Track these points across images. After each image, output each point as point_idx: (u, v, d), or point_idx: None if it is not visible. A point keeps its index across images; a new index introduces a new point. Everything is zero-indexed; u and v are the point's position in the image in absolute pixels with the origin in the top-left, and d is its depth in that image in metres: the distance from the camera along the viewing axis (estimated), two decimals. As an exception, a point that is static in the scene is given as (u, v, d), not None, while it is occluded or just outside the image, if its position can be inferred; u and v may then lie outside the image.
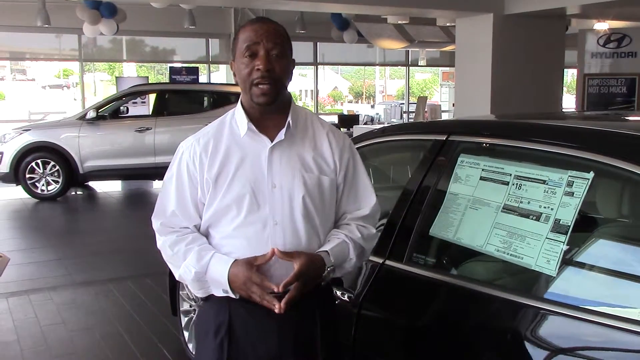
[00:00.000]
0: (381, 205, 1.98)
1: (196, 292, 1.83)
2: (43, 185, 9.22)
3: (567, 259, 1.79)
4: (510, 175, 2.02)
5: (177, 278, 1.85)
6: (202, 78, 13.88)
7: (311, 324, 1.82)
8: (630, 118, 2.79)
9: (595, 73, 9.09)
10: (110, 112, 9.85)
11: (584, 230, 1.93)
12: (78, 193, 10.11)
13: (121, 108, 10.11)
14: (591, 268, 1.84)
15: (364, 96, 33.85)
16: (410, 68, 17.24)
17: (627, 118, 2.76)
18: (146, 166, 9.55)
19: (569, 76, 20.20)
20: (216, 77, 14.69)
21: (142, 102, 11.87)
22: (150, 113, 10.57)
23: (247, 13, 12.71)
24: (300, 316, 1.79)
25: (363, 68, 30.64)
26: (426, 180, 2.29)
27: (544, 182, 1.90)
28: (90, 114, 9.54)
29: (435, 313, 2.10)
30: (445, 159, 2.28)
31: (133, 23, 11.22)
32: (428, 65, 17.18)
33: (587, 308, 1.69)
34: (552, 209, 1.84)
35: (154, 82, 15.97)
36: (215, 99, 10.35)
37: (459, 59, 8.39)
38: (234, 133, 1.82)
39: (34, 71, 29.61)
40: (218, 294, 1.78)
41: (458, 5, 7.63)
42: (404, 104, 16.87)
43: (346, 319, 2.18)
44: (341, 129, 10.17)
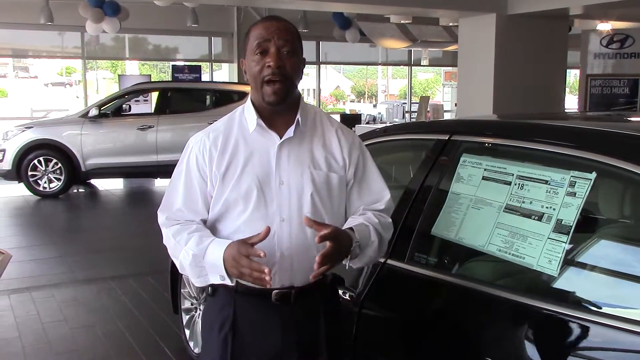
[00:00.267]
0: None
1: (194, 281, 1.81)
2: (45, 182, 9.23)
3: (569, 259, 1.80)
4: (513, 175, 2.02)
5: (178, 268, 1.84)
6: (205, 76, 13.88)
7: (315, 321, 1.83)
8: (632, 119, 2.79)
9: (597, 74, 9.08)
10: (112, 110, 9.84)
11: (586, 230, 1.93)
12: (80, 191, 10.12)
13: (123, 106, 10.11)
14: (593, 268, 1.84)
15: (366, 95, 33.83)
16: (412, 68, 17.21)
17: (630, 119, 2.76)
18: (148, 164, 9.55)
19: (572, 77, 20.17)
20: (219, 76, 14.68)
21: (145, 100, 11.87)
22: (153, 111, 10.58)
23: (250, 12, 12.72)
24: (303, 313, 1.80)
25: (365, 67, 30.63)
26: (428, 179, 2.30)
27: (546, 182, 1.91)
28: (93, 112, 9.54)
29: (437, 312, 2.10)
30: (448, 159, 2.28)
31: (136, 21, 11.22)
32: (430, 65, 17.15)
33: (589, 308, 1.69)
34: (554, 209, 1.84)
35: (157, 80, 15.96)
36: (218, 98, 10.36)
37: (462, 58, 8.38)
38: (244, 129, 1.82)
39: (36, 69, 29.63)
40: (215, 281, 1.76)
41: (461, 5, 7.63)
42: (406, 103, 16.85)
43: (347, 317, 2.18)
44: (343, 128, 10.19)
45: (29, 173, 9.16)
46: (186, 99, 10.72)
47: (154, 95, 11.00)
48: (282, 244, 1.76)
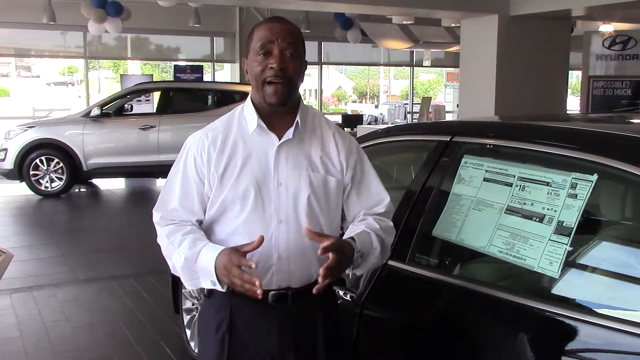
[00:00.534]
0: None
1: (186, 283, 1.80)
2: (47, 182, 9.25)
3: (570, 261, 1.79)
4: (514, 176, 2.02)
5: (170, 268, 1.82)
6: (207, 76, 13.89)
7: (312, 322, 1.83)
8: (634, 121, 2.78)
9: (600, 75, 9.07)
10: (114, 110, 9.85)
11: (587, 232, 1.92)
12: (82, 190, 10.13)
13: (125, 106, 10.13)
14: (594, 270, 1.84)
15: (368, 96, 33.79)
16: (414, 68, 17.21)
17: (632, 120, 2.76)
18: (150, 164, 9.56)
19: (574, 78, 20.14)
20: (220, 76, 14.68)
21: (147, 100, 11.89)
22: (155, 111, 10.59)
23: (252, 12, 12.73)
24: (300, 315, 1.80)
25: (367, 68, 30.58)
26: (430, 181, 2.30)
27: (547, 184, 1.90)
28: (95, 112, 9.55)
29: (438, 314, 2.10)
30: (449, 160, 2.28)
31: (138, 21, 11.23)
32: (432, 65, 17.13)
33: (590, 310, 1.69)
34: (556, 211, 1.84)
35: (159, 80, 15.95)
36: (220, 98, 10.36)
37: (464, 59, 8.38)
38: (243, 129, 1.82)
39: (38, 68, 29.62)
40: (206, 286, 1.75)
41: (463, 6, 7.63)
42: (408, 104, 16.84)
43: (348, 318, 2.18)
44: (345, 129, 10.20)
45: (31, 172, 9.18)
46: (188, 99, 10.73)
47: (156, 95, 11.02)
48: (280, 246, 1.75)
